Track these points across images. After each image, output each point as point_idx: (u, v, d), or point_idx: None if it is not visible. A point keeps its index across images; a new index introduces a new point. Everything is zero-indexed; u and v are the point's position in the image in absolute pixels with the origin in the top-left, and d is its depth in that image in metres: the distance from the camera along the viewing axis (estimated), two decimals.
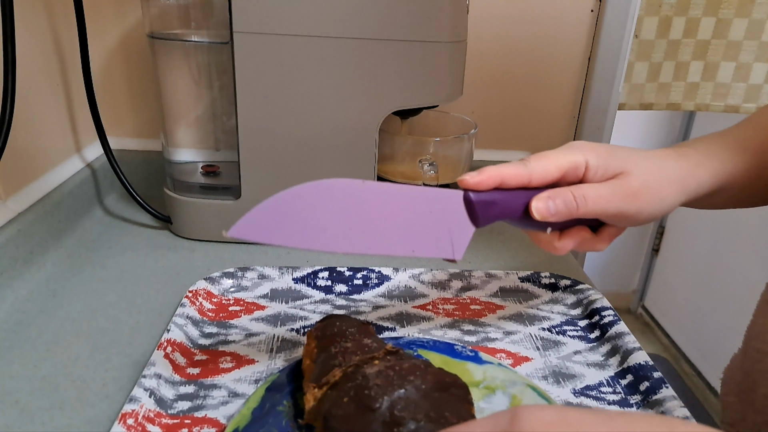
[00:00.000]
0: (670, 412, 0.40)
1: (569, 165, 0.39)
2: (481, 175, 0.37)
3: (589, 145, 0.40)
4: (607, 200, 0.39)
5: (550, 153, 0.40)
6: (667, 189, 0.40)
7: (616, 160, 0.40)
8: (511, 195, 0.38)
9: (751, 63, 0.85)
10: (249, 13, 0.54)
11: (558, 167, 0.39)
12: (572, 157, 0.39)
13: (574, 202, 0.38)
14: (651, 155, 0.41)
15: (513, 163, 0.38)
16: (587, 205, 0.38)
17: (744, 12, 0.81)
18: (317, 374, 0.37)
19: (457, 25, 0.57)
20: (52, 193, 0.62)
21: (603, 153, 0.40)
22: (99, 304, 0.52)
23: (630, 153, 0.41)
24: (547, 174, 0.39)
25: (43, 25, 0.63)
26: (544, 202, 0.38)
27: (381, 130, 0.59)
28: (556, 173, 0.39)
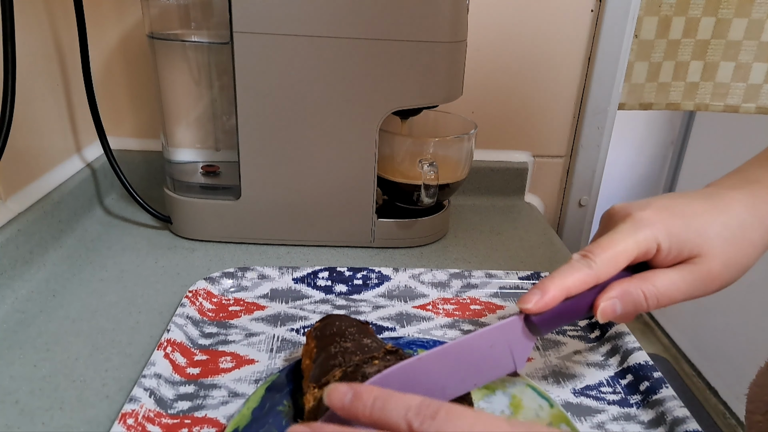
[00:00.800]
0: (670, 412, 0.40)
1: (638, 252, 0.34)
2: (545, 296, 0.33)
3: (658, 216, 0.35)
4: (681, 291, 0.34)
5: (616, 239, 0.34)
6: (749, 257, 0.35)
7: (690, 239, 0.34)
8: (576, 301, 0.34)
9: (750, 63, 0.84)
10: (249, 13, 0.54)
11: (627, 256, 0.34)
12: (642, 242, 0.34)
13: (645, 303, 0.34)
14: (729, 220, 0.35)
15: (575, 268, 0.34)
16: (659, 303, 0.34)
17: (743, 12, 0.81)
18: (317, 374, 0.37)
19: (457, 25, 0.57)
20: (52, 193, 0.62)
21: (675, 229, 0.34)
22: (99, 304, 0.52)
23: (707, 223, 0.35)
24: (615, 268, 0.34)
25: (43, 25, 0.63)
26: (612, 304, 0.34)
27: (381, 130, 0.59)
28: (625, 263, 0.34)
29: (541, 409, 0.39)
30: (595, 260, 0.34)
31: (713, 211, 0.36)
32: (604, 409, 0.42)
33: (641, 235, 0.34)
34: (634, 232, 0.34)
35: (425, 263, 0.63)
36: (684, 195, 0.37)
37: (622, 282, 0.34)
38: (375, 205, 0.63)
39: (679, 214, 0.35)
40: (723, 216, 0.35)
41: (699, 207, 0.36)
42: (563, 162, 0.84)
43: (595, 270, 0.34)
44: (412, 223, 0.65)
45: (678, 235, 0.34)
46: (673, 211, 0.35)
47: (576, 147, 0.82)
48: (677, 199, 0.37)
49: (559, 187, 0.86)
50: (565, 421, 0.38)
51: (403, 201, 0.66)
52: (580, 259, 0.34)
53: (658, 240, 0.34)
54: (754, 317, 1.17)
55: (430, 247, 0.67)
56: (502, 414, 0.39)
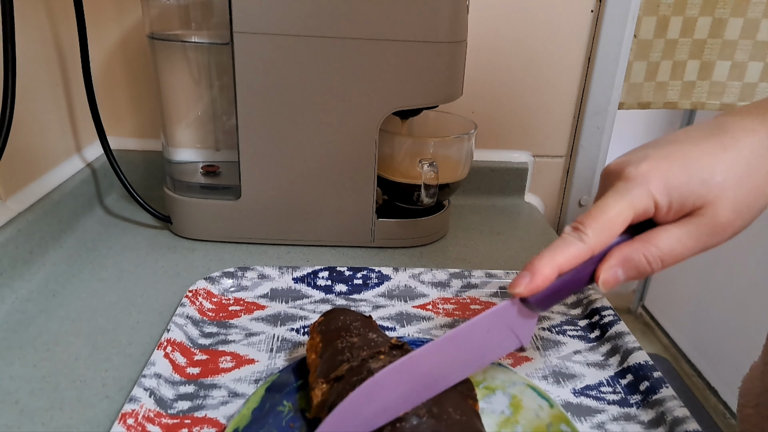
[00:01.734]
0: (670, 412, 0.40)
1: (635, 214, 0.32)
2: (535, 279, 0.32)
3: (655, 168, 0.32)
4: (688, 249, 0.32)
5: (607, 205, 0.32)
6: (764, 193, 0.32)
7: (693, 191, 0.31)
8: (572, 275, 0.33)
9: (746, 62, 0.85)
10: (249, 13, 0.54)
11: (622, 222, 0.32)
12: (637, 202, 0.31)
13: (648, 267, 0.32)
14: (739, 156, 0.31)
15: (567, 241, 0.32)
16: (664, 264, 0.32)
17: (739, 11, 0.82)
18: (325, 369, 0.37)
19: (457, 25, 0.57)
20: (52, 193, 0.62)
21: (674, 180, 0.31)
22: (99, 304, 0.52)
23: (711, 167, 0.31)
24: (610, 237, 0.32)
25: (43, 25, 0.63)
26: (613, 273, 0.32)
27: (381, 130, 0.59)
28: (620, 230, 0.32)
29: (541, 410, 0.39)
30: (587, 232, 0.32)
31: (719, 148, 0.32)
32: (604, 409, 0.42)
33: (635, 195, 0.31)
34: (627, 193, 0.32)
35: (425, 263, 0.63)
36: (689, 133, 0.34)
37: (622, 247, 0.32)
38: (375, 205, 0.63)
39: (680, 162, 0.32)
40: (731, 152, 0.32)
41: (703, 147, 0.32)
42: (563, 162, 0.84)
43: (588, 243, 0.32)
44: (412, 223, 0.65)
45: (678, 187, 0.31)
46: (672, 161, 0.32)
47: (576, 147, 0.83)
48: (679, 142, 0.33)
49: (559, 187, 0.86)
50: (565, 421, 0.38)
51: (403, 201, 0.66)
52: (572, 233, 0.32)
53: (654, 197, 0.31)
54: (753, 317, 1.17)
55: (430, 247, 0.67)
56: (502, 414, 0.39)
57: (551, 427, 0.38)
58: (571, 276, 0.33)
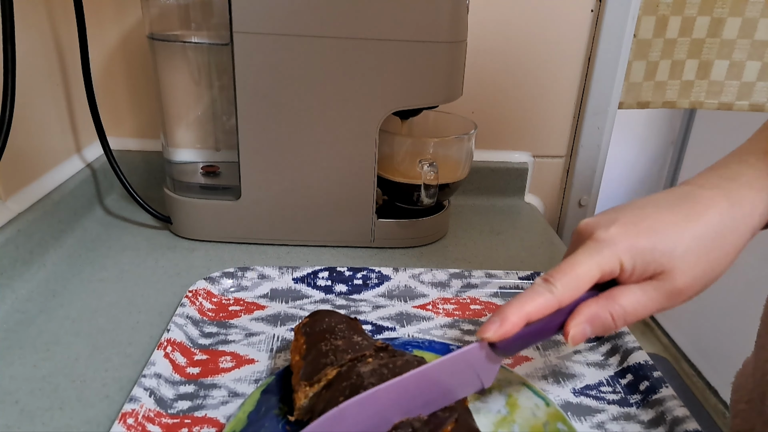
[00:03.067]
0: (670, 412, 0.40)
1: (601, 274, 0.33)
2: (504, 325, 0.33)
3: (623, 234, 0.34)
4: (648, 309, 0.34)
5: (577, 262, 0.34)
6: (721, 265, 0.34)
7: (655, 259, 0.33)
8: (541, 325, 0.34)
9: (744, 61, 0.85)
10: (249, 13, 0.54)
11: (589, 280, 0.33)
12: (604, 263, 0.33)
13: (613, 323, 0.34)
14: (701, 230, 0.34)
15: (536, 292, 0.33)
16: (626, 321, 0.34)
17: (737, 11, 0.82)
18: (309, 372, 0.37)
19: (457, 25, 0.57)
20: (52, 193, 0.62)
21: (640, 246, 0.33)
22: (99, 304, 0.52)
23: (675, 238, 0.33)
24: (577, 292, 0.34)
25: (43, 25, 0.63)
26: (581, 330, 0.33)
27: (381, 130, 0.59)
28: (587, 286, 0.34)
29: (538, 408, 0.39)
30: (556, 285, 0.33)
31: (685, 221, 0.34)
32: (603, 408, 0.42)
33: (603, 257, 0.33)
34: (596, 253, 0.34)
35: (425, 263, 0.63)
36: (656, 202, 0.36)
37: (589, 304, 0.34)
38: (375, 205, 0.63)
39: (646, 230, 0.34)
40: (695, 226, 0.34)
41: (669, 218, 0.34)
42: (563, 162, 0.84)
43: (556, 295, 0.33)
44: (412, 223, 0.65)
45: (642, 253, 0.33)
46: (639, 228, 0.34)
47: (576, 147, 0.83)
48: (646, 209, 0.35)
49: (559, 187, 0.86)
50: (562, 420, 0.38)
51: (403, 201, 0.66)
52: (542, 284, 0.34)
53: (621, 260, 0.33)
54: (753, 317, 1.17)
55: (430, 247, 0.67)
56: (499, 413, 0.39)
57: (548, 425, 0.38)
58: (538, 326, 0.34)
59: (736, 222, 0.34)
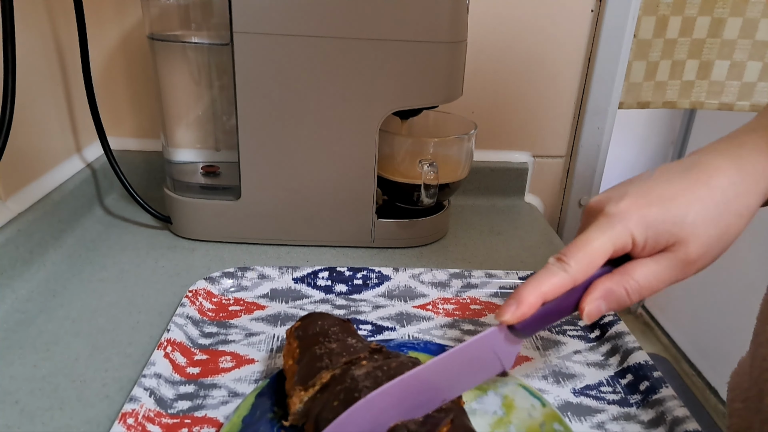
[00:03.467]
0: (670, 412, 0.40)
1: (614, 248, 0.34)
2: (521, 306, 0.33)
3: (634, 206, 0.34)
4: (662, 281, 0.34)
5: (591, 237, 0.34)
6: (732, 232, 0.34)
7: (666, 229, 0.33)
8: (557, 304, 0.34)
9: (744, 61, 0.85)
10: (249, 13, 0.54)
11: (603, 256, 0.34)
12: (616, 238, 0.34)
13: (627, 298, 0.34)
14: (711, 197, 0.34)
15: (551, 271, 0.34)
16: (641, 295, 0.34)
17: (738, 11, 0.82)
18: (303, 376, 0.36)
19: (457, 25, 0.57)
20: (52, 193, 0.62)
21: (651, 218, 0.34)
22: (99, 304, 0.52)
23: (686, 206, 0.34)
24: (591, 268, 0.34)
25: (43, 25, 0.63)
26: (596, 305, 0.34)
27: (381, 130, 0.59)
28: (601, 262, 0.34)
29: (534, 409, 0.39)
30: (570, 263, 0.34)
31: (693, 188, 0.34)
32: (603, 408, 0.42)
33: (615, 231, 0.34)
34: (608, 229, 0.34)
35: (425, 263, 0.63)
36: (665, 171, 0.36)
37: (603, 280, 0.34)
38: (375, 205, 0.63)
39: (656, 200, 0.34)
40: (703, 191, 0.34)
41: (678, 186, 0.35)
42: (563, 162, 0.84)
43: (571, 273, 0.34)
44: (412, 223, 0.65)
45: (654, 225, 0.33)
46: (649, 199, 0.34)
47: (576, 147, 0.83)
48: (656, 179, 0.36)
49: (559, 187, 0.86)
50: (558, 420, 0.38)
51: (403, 201, 0.66)
52: (556, 263, 0.34)
53: (632, 234, 0.34)
54: (753, 317, 1.17)
55: (430, 247, 0.67)
56: (495, 414, 0.39)
57: (544, 426, 0.38)
58: (555, 304, 0.34)
59: (746, 185, 0.34)
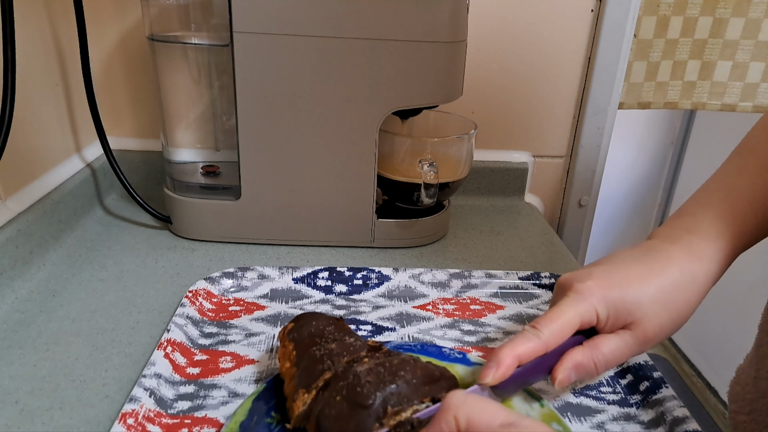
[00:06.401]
0: (670, 412, 0.40)
1: (581, 321, 0.38)
2: (500, 368, 0.37)
3: (597, 286, 0.39)
4: (624, 354, 0.39)
5: (561, 311, 0.39)
6: (684, 314, 0.39)
7: (625, 309, 0.38)
8: (532, 367, 0.38)
9: (747, 62, 0.85)
10: (249, 13, 0.54)
11: (572, 326, 0.38)
12: (583, 312, 0.38)
13: (595, 369, 0.38)
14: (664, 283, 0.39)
15: (526, 337, 0.38)
16: (607, 366, 0.39)
17: (741, 11, 0.81)
18: (306, 379, 0.36)
19: (457, 25, 0.57)
20: (52, 193, 0.62)
21: (612, 298, 0.38)
22: (99, 304, 0.52)
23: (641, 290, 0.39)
24: (562, 336, 0.38)
25: (43, 25, 0.63)
26: (567, 375, 0.38)
27: (381, 130, 0.59)
28: (570, 332, 0.39)
29: (532, 409, 0.39)
30: (543, 331, 0.38)
31: (648, 274, 0.39)
32: (603, 409, 0.42)
33: (582, 307, 0.38)
34: (576, 304, 0.39)
35: (425, 263, 0.63)
36: (624, 257, 0.41)
37: (575, 353, 0.38)
38: (375, 205, 0.63)
39: (616, 283, 0.39)
40: (658, 279, 0.39)
41: (635, 272, 0.40)
42: (563, 162, 0.84)
43: (543, 339, 0.37)
44: (412, 223, 0.65)
45: (615, 305, 0.38)
46: (610, 281, 0.39)
47: (576, 147, 0.82)
48: (616, 263, 0.41)
49: (559, 187, 0.86)
50: (557, 420, 0.38)
51: (403, 201, 0.66)
52: (531, 330, 0.38)
53: (597, 311, 0.38)
54: (754, 318, 1.17)
55: (430, 247, 0.67)
56: None
57: None
58: (530, 367, 0.38)
59: (696, 274, 0.39)
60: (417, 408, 0.33)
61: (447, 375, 0.36)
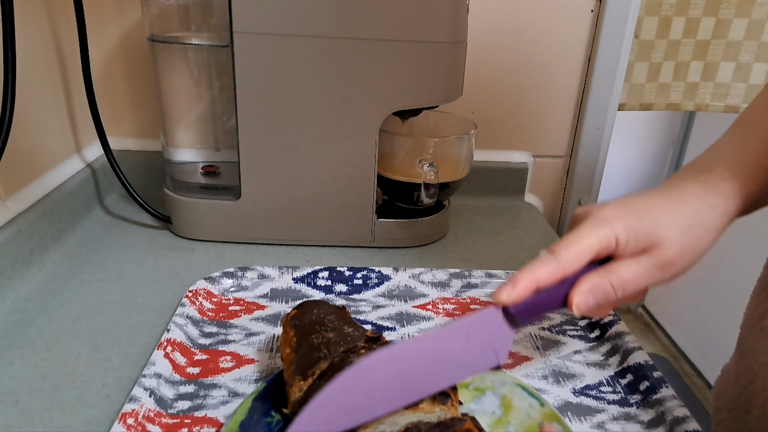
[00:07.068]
0: (670, 412, 0.40)
1: (600, 246, 0.37)
2: (516, 288, 0.36)
3: (616, 213, 0.38)
4: (643, 279, 0.37)
5: (579, 235, 0.37)
6: (704, 242, 0.38)
7: (646, 231, 0.37)
8: (549, 293, 0.37)
9: (751, 63, 0.84)
10: (249, 13, 0.54)
11: (590, 251, 0.37)
12: (602, 236, 0.37)
13: (613, 292, 0.37)
14: (682, 210, 0.38)
15: (544, 261, 0.37)
16: (626, 291, 0.37)
17: (744, 12, 0.81)
18: (302, 366, 0.37)
19: (457, 25, 0.57)
20: (52, 193, 0.62)
21: (631, 223, 0.37)
22: (99, 304, 0.52)
23: (660, 215, 0.38)
24: (580, 261, 0.37)
25: (43, 25, 0.63)
26: (585, 298, 0.36)
27: (381, 130, 0.59)
28: (589, 257, 0.37)
29: (532, 409, 0.39)
30: (561, 255, 0.37)
31: (667, 203, 0.38)
32: (604, 408, 0.42)
33: (602, 231, 0.37)
34: (595, 229, 0.37)
35: (425, 263, 0.63)
36: (640, 194, 0.40)
37: (590, 276, 0.37)
38: (375, 205, 0.63)
39: (635, 210, 0.38)
40: (676, 208, 0.38)
41: (654, 202, 0.39)
42: (563, 162, 0.84)
43: (561, 263, 0.36)
44: (412, 223, 0.65)
45: (634, 229, 0.37)
46: (629, 208, 0.38)
47: (576, 147, 0.83)
48: (634, 197, 0.40)
49: (559, 187, 0.86)
50: (557, 420, 0.38)
51: (403, 201, 0.66)
52: (548, 255, 0.37)
53: (616, 234, 0.37)
54: None
55: (430, 247, 0.67)
56: (493, 415, 0.39)
57: (543, 426, 0.38)
58: (546, 294, 0.36)
59: (713, 205, 0.38)
60: None
61: None
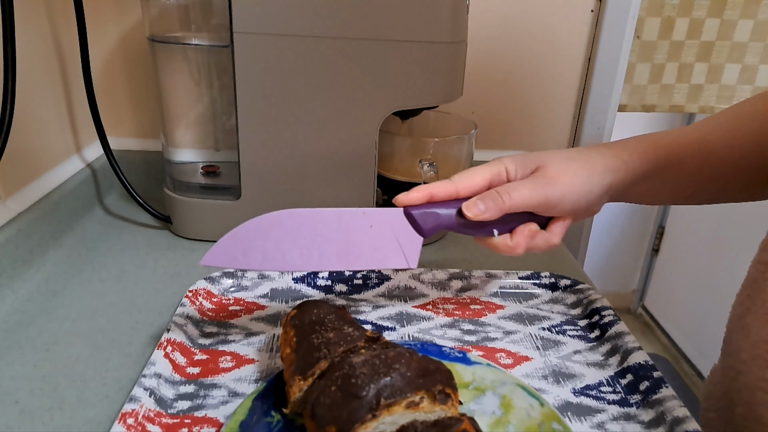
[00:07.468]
0: (670, 412, 0.40)
1: (491, 174, 0.44)
2: (411, 193, 0.43)
3: (509, 156, 0.46)
4: (530, 191, 0.43)
5: (474, 168, 0.45)
6: (585, 169, 0.44)
7: (532, 159, 0.45)
8: (446, 205, 0.44)
9: (756, 65, 0.84)
10: (249, 13, 0.54)
11: (482, 177, 0.44)
12: (493, 167, 0.45)
13: (500, 198, 0.43)
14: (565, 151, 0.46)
15: (441, 181, 0.44)
16: (512, 198, 0.43)
17: (749, 13, 0.81)
18: (302, 366, 0.37)
19: (457, 25, 0.57)
20: (52, 193, 0.62)
21: (520, 157, 0.45)
22: (99, 304, 0.52)
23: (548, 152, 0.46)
24: (472, 185, 0.44)
25: (43, 25, 0.63)
26: (474, 202, 0.43)
27: (381, 130, 0.59)
28: (481, 183, 0.44)
29: (532, 409, 0.39)
30: (455, 178, 0.44)
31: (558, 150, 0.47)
32: (604, 408, 0.42)
33: (493, 164, 0.45)
34: (489, 163, 0.45)
35: (425, 263, 0.63)
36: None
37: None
38: (375, 205, 0.63)
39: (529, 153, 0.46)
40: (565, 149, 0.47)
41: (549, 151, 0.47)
42: None
43: (454, 182, 0.44)
44: None
45: (522, 159, 0.45)
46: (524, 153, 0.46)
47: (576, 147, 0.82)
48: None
49: None
50: (557, 420, 0.38)
51: None
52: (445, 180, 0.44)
53: (506, 165, 0.45)
54: None
55: (430, 247, 0.67)
56: (493, 415, 0.39)
57: (543, 426, 0.38)
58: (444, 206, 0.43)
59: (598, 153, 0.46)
60: (412, 400, 0.34)
61: (442, 369, 0.36)
